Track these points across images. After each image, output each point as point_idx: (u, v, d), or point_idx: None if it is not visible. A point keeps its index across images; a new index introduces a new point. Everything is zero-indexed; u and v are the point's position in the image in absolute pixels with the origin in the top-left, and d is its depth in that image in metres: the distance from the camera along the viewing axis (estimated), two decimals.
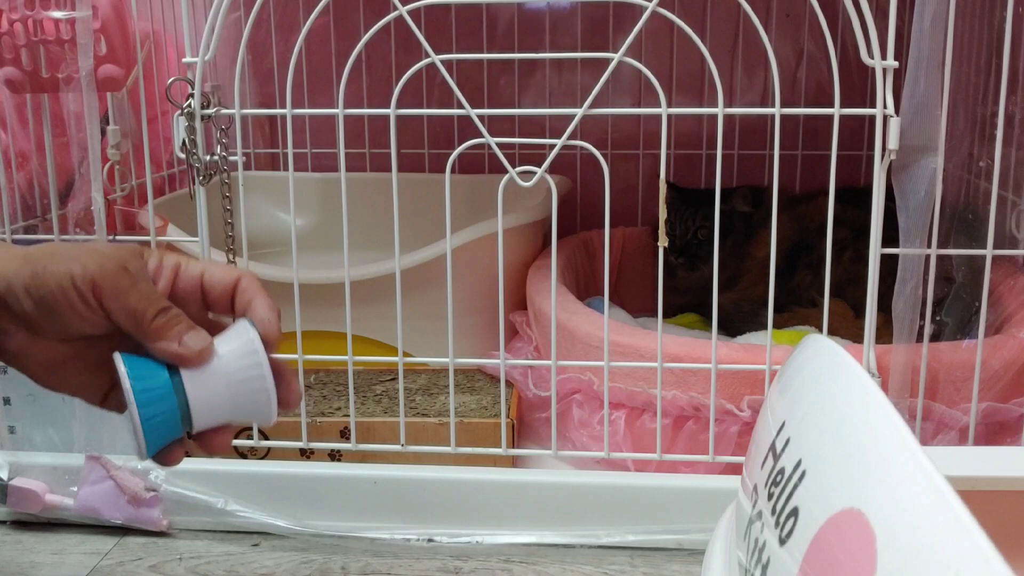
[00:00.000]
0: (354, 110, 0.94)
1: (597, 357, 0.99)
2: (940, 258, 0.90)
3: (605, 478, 0.98)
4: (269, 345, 0.57)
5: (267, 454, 1.05)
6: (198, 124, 0.91)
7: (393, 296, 0.94)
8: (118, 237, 1.04)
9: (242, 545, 0.97)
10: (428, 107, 1.53)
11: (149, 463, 0.63)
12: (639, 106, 1.56)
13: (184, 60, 0.92)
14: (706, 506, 0.94)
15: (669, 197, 0.91)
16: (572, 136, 0.88)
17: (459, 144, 0.91)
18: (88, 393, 0.61)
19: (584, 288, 1.40)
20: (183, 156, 0.92)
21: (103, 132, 1.06)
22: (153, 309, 0.57)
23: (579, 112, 0.87)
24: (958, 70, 0.92)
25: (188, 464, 0.96)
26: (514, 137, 0.97)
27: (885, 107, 0.84)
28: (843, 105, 0.86)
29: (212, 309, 0.61)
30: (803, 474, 0.49)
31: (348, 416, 1.04)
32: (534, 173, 0.90)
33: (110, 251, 0.58)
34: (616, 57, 0.85)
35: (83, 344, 0.58)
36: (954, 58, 0.85)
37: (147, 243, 1.00)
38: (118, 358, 0.55)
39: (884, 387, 0.91)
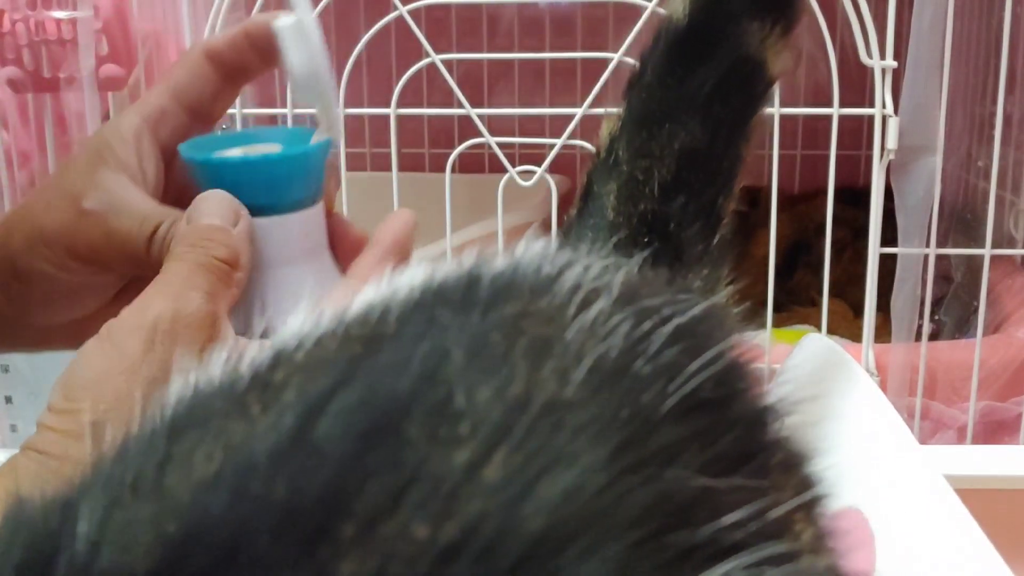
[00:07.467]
0: (354, 109, 0.94)
1: None
2: (939, 258, 0.91)
3: None
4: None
5: None
6: None
7: None
8: None
9: None
10: (428, 107, 1.53)
11: None
12: None
13: None
14: None
15: None
16: (572, 136, 0.88)
17: (459, 144, 0.91)
18: (97, 295, 0.49)
19: None
20: None
21: None
22: (142, 240, 0.44)
23: (579, 112, 0.88)
24: (957, 70, 0.92)
25: None
26: (514, 137, 0.98)
27: (884, 107, 0.84)
28: (842, 105, 0.86)
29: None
30: None
31: None
32: (534, 173, 0.90)
33: (62, 188, 0.46)
34: (616, 57, 0.85)
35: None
36: (953, 58, 0.86)
37: None
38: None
39: (883, 386, 0.91)
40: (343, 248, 0.49)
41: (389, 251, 0.47)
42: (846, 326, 1.18)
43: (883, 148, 0.85)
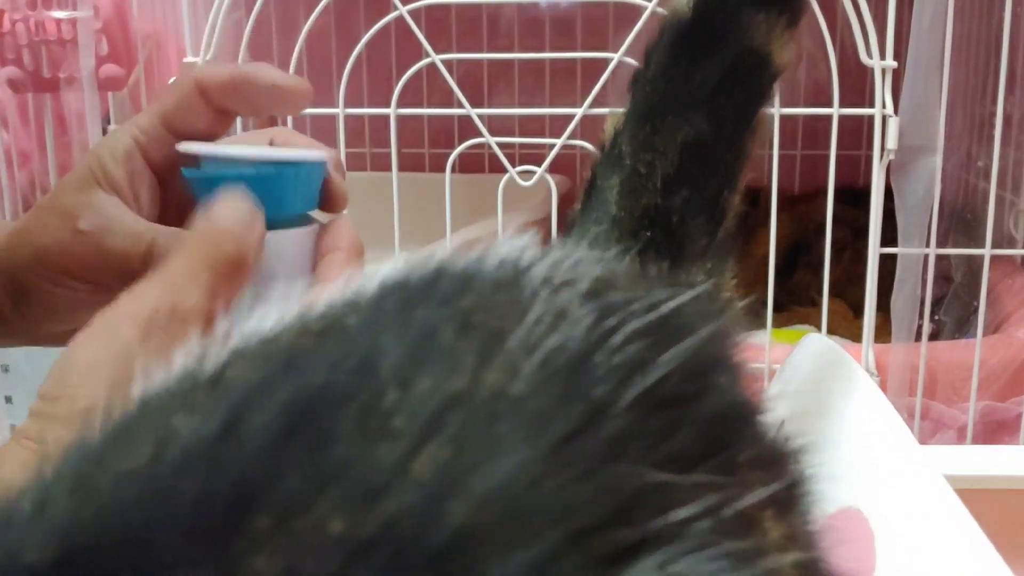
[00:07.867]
0: (354, 110, 0.94)
1: None
2: (938, 258, 0.91)
3: None
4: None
5: None
6: None
7: None
8: None
9: None
10: (428, 107, 1.53)
11: None
12: None
13: (185, 60, 0.92)
14: None
15: None
16: (572, 136, 0.88)
17: (459, 144, 0.92)
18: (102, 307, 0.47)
19: None
20: None
21: (104, 132, 1.06)
22: (137, 259, 0.44)
23: (579, 112, 0.88)
24: (957, 70, 0.92)
25: None
26: (514, 137, 0.98)
27: (884, 107, 0.84)
28: (842, 105, 0.86)
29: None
30: None
31: None
32: (534, 173, 0.90)
33: (57, 208, 0.46)
34: (616, 57, 0.85)
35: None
36: (953, 58, 0.86)
37: None
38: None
39: (883, 386, 0.91)
40: None
41: (351, 254, 0.47)
42: (846, 326, 1.18)
43: (883, 148, 0.85)
